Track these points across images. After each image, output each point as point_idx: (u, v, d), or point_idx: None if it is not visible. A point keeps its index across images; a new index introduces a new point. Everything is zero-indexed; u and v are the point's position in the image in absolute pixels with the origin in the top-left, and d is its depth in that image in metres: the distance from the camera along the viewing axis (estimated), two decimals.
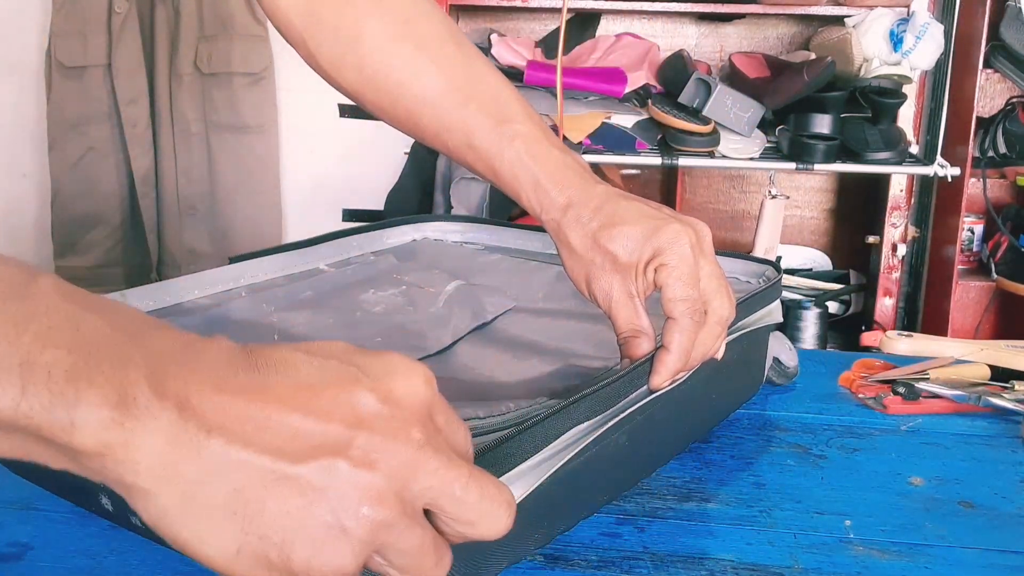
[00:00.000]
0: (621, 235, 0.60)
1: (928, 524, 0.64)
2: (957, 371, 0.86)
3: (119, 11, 2.22)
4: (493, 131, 0.63)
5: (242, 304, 0.76)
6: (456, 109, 0.65)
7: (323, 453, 0.33)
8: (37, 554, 0.57)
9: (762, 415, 0.81)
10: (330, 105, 2.41)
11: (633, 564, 0.58)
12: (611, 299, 0.60)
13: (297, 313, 0.76)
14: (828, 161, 2.01)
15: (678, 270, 0.58)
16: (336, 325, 0.74)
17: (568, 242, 0.62)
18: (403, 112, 0.67)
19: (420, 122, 0.67)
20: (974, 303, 2.40)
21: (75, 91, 2.27)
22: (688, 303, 0.58)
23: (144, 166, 2.31)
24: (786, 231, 2.48)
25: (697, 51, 2.44)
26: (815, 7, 2.19)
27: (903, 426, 0.79)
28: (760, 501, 0.66)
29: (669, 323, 0.59)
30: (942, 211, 2.31)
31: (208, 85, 2.31)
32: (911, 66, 2.07)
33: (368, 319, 0.75)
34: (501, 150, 0.63)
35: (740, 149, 2.05)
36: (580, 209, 0.61)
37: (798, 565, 0.59)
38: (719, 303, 0.60)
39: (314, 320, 0.75)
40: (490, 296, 0.80)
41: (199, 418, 0.32)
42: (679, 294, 0.58)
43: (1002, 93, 2.35)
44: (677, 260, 0.58)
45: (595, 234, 0.61)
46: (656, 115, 2.05)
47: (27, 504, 0.62)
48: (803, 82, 1.99)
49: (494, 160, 0.63)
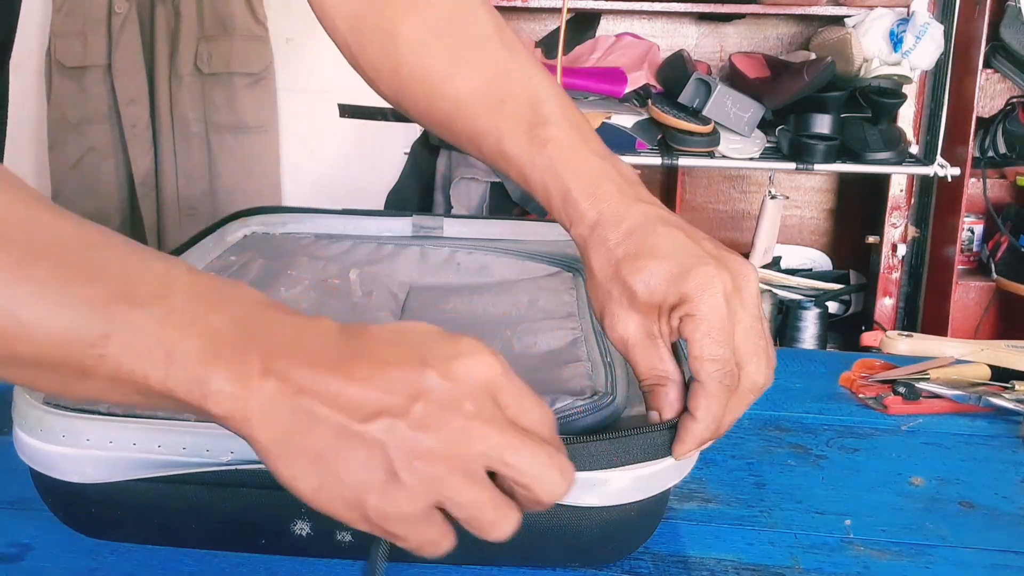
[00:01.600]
0: (645, 270, 0.52)
1: (929, 524, 0.64)
2: (957, 371, 0.86)
3: (119, 11, 2.22)
4: (525, 135, 0.57)
5: None
6: (489, 112, 0.60)
7: (385, 415, 0.40)
8: (37, 554, 0.57)
9: (762, 415, 0.81)
10: (330, 105, 2.41)
11: (633, 564, 0.58)
12: (627, 341, 0.53)
13: None
14: (828, 161, 2.01)
15: (707, 323, 0.50)
16: None
17: (590, 265, 0.55)
18: (439, 116, 0.63)
19: (454, 126, 0.62)
20: (974, 303, 2.40)
21: (75, 91, 2.27)
22: (718, 364, 0.50)
23: (144, 166, 2.30)
24: (786, 231, 2.48)
25: (697, 51, 2.44)
26: (815, 7, 2.19)
27: (903, 426, 0.79)
28: (760, 501, 0.66)
29: (695, 386, 0.51)
30: (942, 211, 2.31)
31: (208, 85, 2.31)
32: (911, 66, 2.07)
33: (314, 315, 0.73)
34: (532, 156, 0.57)
35: (740, 149, 2.05)
36: (608, 230, 0.54)
37: (798, 565, 0.59)
38: (755, 367, 0.51)
39: None
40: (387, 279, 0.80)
41: (295, 386, 0.41)
42: (708, 352, 0.50)
43: (1002, 93, 2.35)
44: (707, 311, 0.50)
45: (619, 262, 0.53)
46: (656, 115, 2.05)
47: (27, 504, 0.62)
48: (803, 82, 1.99)
49: (524, 167, 0.57)
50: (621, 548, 0.58)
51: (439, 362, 0.42)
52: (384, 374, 0.41)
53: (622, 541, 0.57)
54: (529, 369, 0.62)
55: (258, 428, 0.41)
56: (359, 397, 0.41)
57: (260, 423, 0.41)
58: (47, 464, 0.53)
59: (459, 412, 0.41)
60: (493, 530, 0.43)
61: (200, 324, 0.41)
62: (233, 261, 0.83)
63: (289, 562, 0.57)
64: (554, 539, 0.55)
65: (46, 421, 0.52)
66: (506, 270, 0.84)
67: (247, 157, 2.37)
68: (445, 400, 0.41)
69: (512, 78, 0.60)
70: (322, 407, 0.41)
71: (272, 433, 0.41)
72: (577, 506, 0.53)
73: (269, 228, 0.93)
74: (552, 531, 0.54)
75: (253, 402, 0.41)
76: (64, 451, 0.52)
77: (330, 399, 0.41)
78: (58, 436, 0.52)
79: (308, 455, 0.41)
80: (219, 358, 0.40)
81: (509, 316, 0.73)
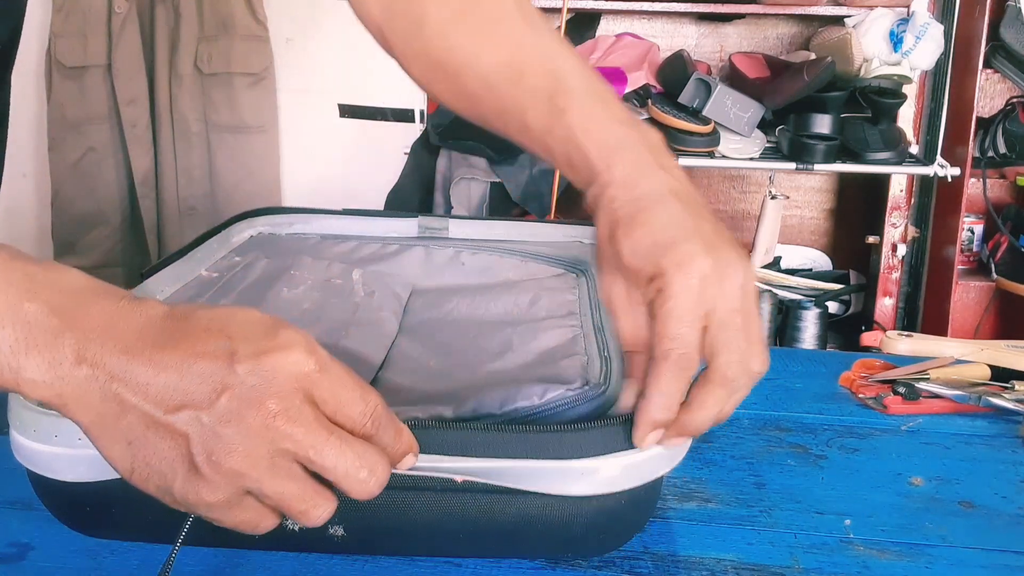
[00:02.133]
0: (633, 235, 0.51)
1: (928, 524, 0.64)
2: (957, 371, 0.86)
3: (119, 11, 2.22)
4: (545, 106, 0.56)
5: None
6: (512, 87, 0.59)
7: (190, 408, 0.42)
8: (37, 554, 0.57)
9: (762, 415, 0.81)
10: (330, 105, 2.41)
11: (633, 564, 0.58)
12: (612, 302, 0.54)
13: None
14: (828, 161, 2.01)
15: (672, 300, 0.49)
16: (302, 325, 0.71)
17: (597, 225, 0.54)
18: (466, 99, 0.63)
19: (482, 107, 0.62)
20: (974, 303, 2.40)
21: (75, 91, 2.27)
22: (675, 343, 0.49)
23: (144, 166, 2.30)
24: (786, 231, 2.48)
25: (697, 51, 2.44)
26: (815, 7, 2.19)
27: (903, 426, 0.79)
28: (760, 501, 0.66)
29: (650, 364, 0.50)
30: (942, 211, 2.31)
31: (208, 85, 2.31)
32: (911, 66, 2.07)
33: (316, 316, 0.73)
34: (552, 126, 0.56)
35: (740, 149, 2.05)
36: (617, 191, 0.53)
37: (798, 565, 0.59)
38: (724, 360, 0.49)
39: None
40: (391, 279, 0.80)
41: (107, 373, 0.42)
42: (665, 330, 0.49)
43: (1002, 93, 2.35)
44: (677, 289, 0.49)
45: (615, 224, 0.52)
46: (656, 115, 2.05)
47: (27, 504, 0.62)
48: (803, 82, 1.99)
49: (546, 137, 0.56)
50: (613, 539, 0.58)
51: (249, 357, 0.43)
52: (193, 366, 0.42)
53: (614, 532, 0.57)
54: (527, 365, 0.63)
55: (75, 411, 0.43)
56: (166, 388, 0.42)
57: (76, 407, 0.43)
58: (42, 465, 0.53)
59: (262, 409, 0.42)
60: (303, 518, 0.45)
61: (12, 314, 0.42)
62: (238, 261, 0.83)
63: (288, 559, 0.57)
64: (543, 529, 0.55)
65: (40, 422, 0.52)
66: (510, 271, 0.85)
67: (247, 157, 2.37)
68: (250, 396, 0.42)
69: (532, 52, 0.60)
70: (131, 395, 0.42)
71: (89, 416, 0.43)
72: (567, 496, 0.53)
73: (275, 229, 0.94)
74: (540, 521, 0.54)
75: (68, 388, 0.42)
76: (58, 451, 0.52)
77: (139, 388, 0.42)
78: (51, 436, 0.52)
79: (121, 439, 0.43)
80: (31, 347, 0.42)
81: (510, 316, 0.73)
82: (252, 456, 0.42)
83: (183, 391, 0.42)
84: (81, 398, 0.43)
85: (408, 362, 0.67)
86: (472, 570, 0.57)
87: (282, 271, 0.80)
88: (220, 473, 0.42)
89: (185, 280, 0.78)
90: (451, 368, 0.65)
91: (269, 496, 0.44)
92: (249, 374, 0.43)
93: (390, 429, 0.47)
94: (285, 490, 0.44)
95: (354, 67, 2.34)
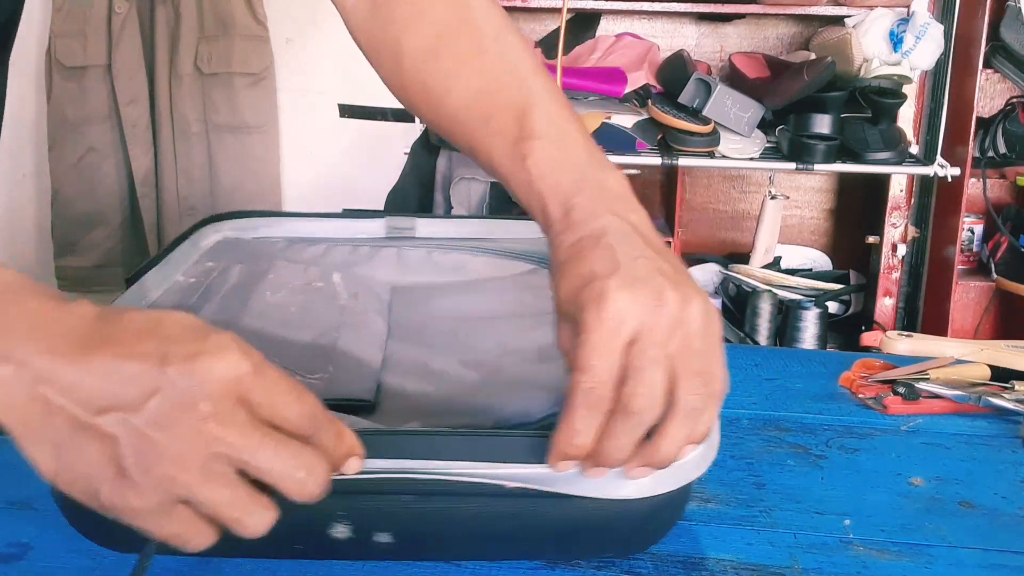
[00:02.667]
0: (566, 279, 0.52)
1: (928, 524, 0.64)
2: (957, 371, 0.86)
3: (119, 11, 2.22)
4: (509, 151, 0.57)
5: None
6: (478, 128, 0.60)
7: (118, 410, 0.41)
8: (37, 554, 0.57)
9: (762, 415, 0.81)
10: (330, 105, 2.41)
11: (633, 564, 0.58)
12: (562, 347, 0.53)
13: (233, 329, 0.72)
14: (828, 161, 2.01)
15: (585, 334, 0.48)
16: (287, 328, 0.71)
17: None
18: (443, 130, 0.64)
19: (455, 140, 0.63)
20: (974, 303, 2.40)
21: (75, 91, 2.27)
22: (584, 376, 0.48)
23: (144, 166, 2.30)
24: (786, 231, 2.48)
25: (697, 51, 2.44)
26: (815, 7, 2.19)
27: (903, 426, 0.79)
28: (760, 501, 0.66)
29: None
30: (942, 211, 2.31)
31: (208, 85, 2.31)
32: (911, 66, 2.07)
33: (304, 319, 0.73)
34: (515, 171, 0.57)
35: (740, 149, 2.05)
36: (566, 236, 0.53)
37: (798, 565, 0.59)
38: (631, 389, 0.48)
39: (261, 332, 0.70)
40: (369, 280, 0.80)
41: (33, 374, 0.41)
42: (577, 362, 0.49)
43: (1002, 93, 2.35)
44: (592, 323, 0.48)
45: (554, 269, 0.54)
46: (656, 115, 2.05)
47: (27, 504, 0.62)
48: (803, 82, 1.99)
49: (510, 181, 0.58)
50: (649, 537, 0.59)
51: (180, 359, 0.42)
52: (122, 368, 0.41)
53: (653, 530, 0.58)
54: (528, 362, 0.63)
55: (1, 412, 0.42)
56: (94, 390, 0.41)
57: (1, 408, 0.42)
58: None
59: (193, 412, 0.41)
60: (239, 527, 0.43)
61: None
62: (212, 267, 0.83)
63: (292, 565, 0.57)
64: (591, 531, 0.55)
65: None
66: (483, 268, 0.85)
67: (247, 157, 2.37)
68: (180, 399, 0.41)
69: (501, 91, 0.60)
70: (58, 396, 0.41)
71: (13, 417, 0.42)
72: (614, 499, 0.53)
73: (241, 233, 0.93)
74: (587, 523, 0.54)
75: None
76: None
77: (66, 389, 0.41)
78: None
79: (46, 442, 0.42)
80: None
81: (497, 313, 0.73)
82: (183, 460, 0.41)
83: (112, 393, 0.41)
84: (5, 398, 0.41)
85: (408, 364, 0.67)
86: (472, 570, 0.57)
87: (260, 276, 0.80)
88: (149, 478, 0.41)
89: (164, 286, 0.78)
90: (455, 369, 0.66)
91: (202, 503, 0.42)
92: (180, 376, 0.41)
93: (330, 431, 0.46)
94: (218, 496, 0.42)
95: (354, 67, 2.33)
